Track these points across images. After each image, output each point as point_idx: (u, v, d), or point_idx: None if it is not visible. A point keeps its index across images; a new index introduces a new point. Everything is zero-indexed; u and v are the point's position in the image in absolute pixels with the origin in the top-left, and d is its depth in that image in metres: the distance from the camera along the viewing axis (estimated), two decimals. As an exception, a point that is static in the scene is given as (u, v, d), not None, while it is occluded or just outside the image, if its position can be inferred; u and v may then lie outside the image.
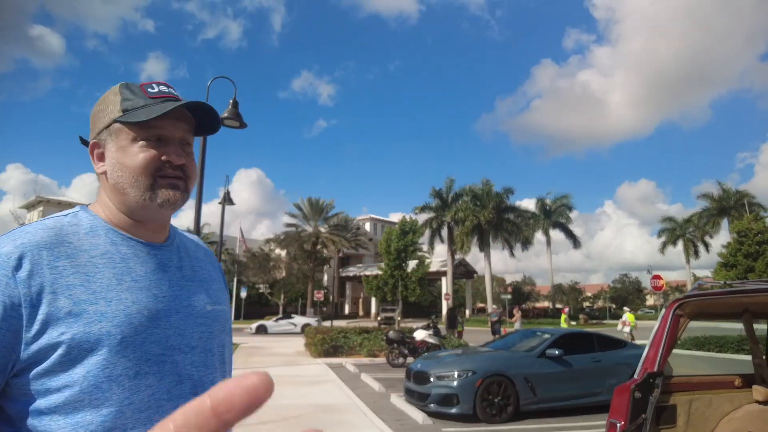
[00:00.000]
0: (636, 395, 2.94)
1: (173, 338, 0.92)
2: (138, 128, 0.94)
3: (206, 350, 0.97)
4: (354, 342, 15.34)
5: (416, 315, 47.15)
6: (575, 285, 74.77)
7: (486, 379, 7.13)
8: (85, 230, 0.92)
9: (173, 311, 0.94)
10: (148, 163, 0.94)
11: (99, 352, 0.82)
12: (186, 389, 0.91)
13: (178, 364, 0.91)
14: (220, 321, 1.04)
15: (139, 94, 0.97)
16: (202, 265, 1.08)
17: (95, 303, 0.85)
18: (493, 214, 43.53)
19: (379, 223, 62.98)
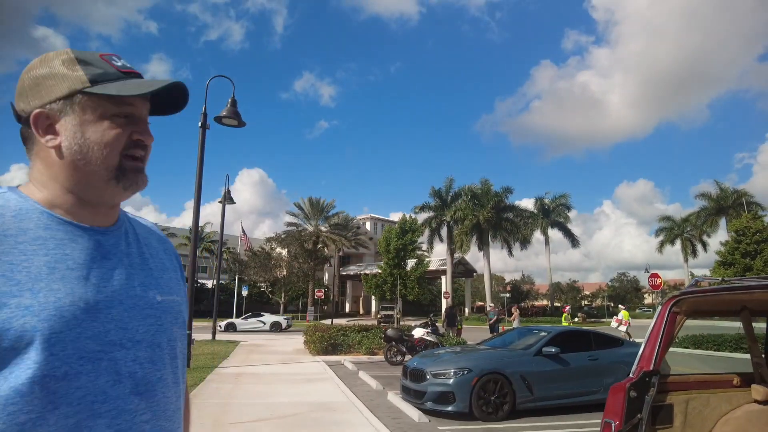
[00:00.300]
0: (631, 394, 2.93)
1: (114, 332, 0.83)
2: (111, 103, 0.86)
3: (154, 345, 0.89)
4: (353, 340, 15.36)
5: (416, 313, 47.16)
6: (574, 284, 74.81)
7: (482, 377, 7.14)
8: (12, 213, 0.82)
9: (116, 302, 0.85)
10: (120, 141, 0.87)
11: (20, 351, 0.74)
12: (125, 389, 0.83)
13: (117, 361, 0.82)
14: (172, 313, 0.95)
15: (105, 65, 0.89)
16: (153, 252, 1.00)
17: (18, 295, 0.76)
18: (492, 214, 43.55)
19: (379, 223, 62.96)
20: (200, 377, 9.53)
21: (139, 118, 0.90)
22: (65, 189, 0.86)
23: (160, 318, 0.91)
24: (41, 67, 0.87)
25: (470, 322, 39.63)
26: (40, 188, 0.87)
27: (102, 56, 0.90)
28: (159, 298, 0.93)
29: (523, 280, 79.52)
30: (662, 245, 48.72)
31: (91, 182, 0.87)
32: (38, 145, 0.87)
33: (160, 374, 0.89)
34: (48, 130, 0.86)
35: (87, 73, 0.86)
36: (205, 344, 17.23)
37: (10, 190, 0.87)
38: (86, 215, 0.88)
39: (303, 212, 47.44)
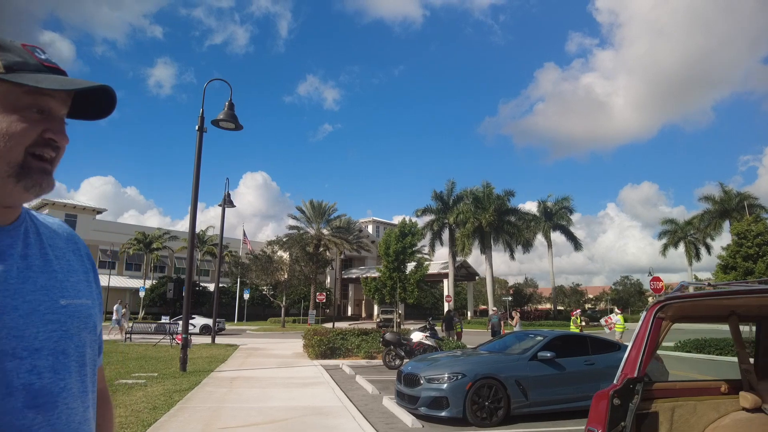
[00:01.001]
0: (615, 402, 2.87)
1: (5, 341, 0.76)
2: (23, 92, 0.80)
3: (58, 352, 0.83)
4: (352, 344, 15.31)
5: (418, 317, 47.04)
6: (577, 287, 74.59)
7: (476, 382, 7.08)
8: None
9: (9, 308, 0.78)
10: (27, 136, 0.80)
11: None
12: (17, 402, 0.76)
13: (7, 372, 0.76)
14: (79, 317, 0.89)
15: (25, 54, 0.82)
16: (59, 253, 0.93)
17: None
18: (494, 217, 43.44)
19: (381, 226, 62.92)
20: (196, 381, 9.51)
21: (56, 117, 0.84)
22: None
23: (65, 323, 0.85)
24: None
25: (473, 325, 39.49)
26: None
27: (24, 46, 0.84)
28: (63, 302, 0.87)
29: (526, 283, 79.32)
30: (665, 248, 48.50)
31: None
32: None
33: (64, 383, 0.83)
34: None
35: (3, 59, 0.79)
36: (204, 347, 17.22)
37: None
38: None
39: (305, 215, 47.43)
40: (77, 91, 0.84)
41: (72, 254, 0.96)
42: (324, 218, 47.29)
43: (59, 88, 0.80)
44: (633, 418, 2.83)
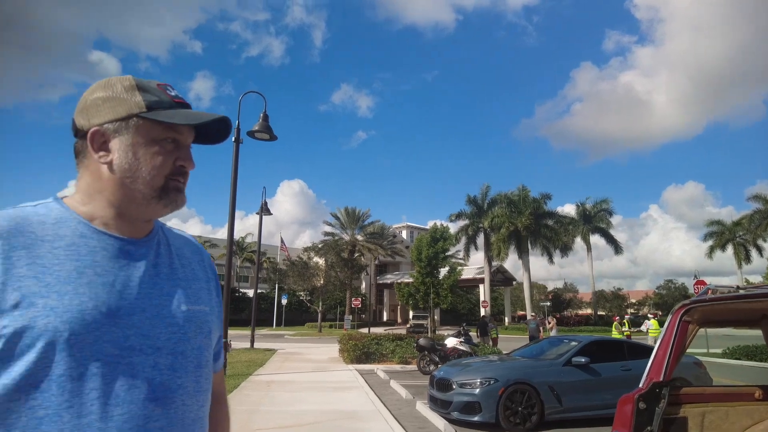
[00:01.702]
0: (640, 405, 2.86)
1: (134, 338, 0.86)
2: (162, 128, 0.94)
3: (176, 353, 0.92)
4: (387, 349, 15.39)
5: (454, 322, 46.70)
6: (618, 291, 72.28)
7: (509, 387, 7.05)
8: (52, 221, 0.89)
9: (137, 309, 0.89)
10: (166, 166, 0.94)
11: (41, 349, 0.79)
12: (140, 393, 0.85)
13: (135, 366, 0.86)
14: (196, 322, 0.97)
15: (160, 93, 0.96)
16: (185, 262, 1.03)
17: (46, 296, 0.81)
18: (531, 220, 42.76)
19: (415, 231, 62.88)
20: (234, 384, 9.79)
21: (184, 145, 0.98)
22: (108, 202, 0.93)
23: (183, 327, 0.94)
24: (105, 90, 0.94)
25: (510, 331, 38.92)
26: (84, 199, 0.94)
27: (159, 85, 0.98)
28: (184, 307, 0.96)
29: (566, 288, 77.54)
30: (712, 251, 46.45)
31: (134, 198, 0.93)
32: (90, 159, 0.94)
33: (181, 381, 0.92)
34: (102, 146, 0.92)
35: (144, 99, 0.93)
36: (243, 352, 17.62)
37: (54, 200, 0.94)
38: (122, 226, 0.94)
39: (339, 222, 47.99)
40: (193, 124, 0.96)
41: (197, 264, 1.07)
42: (358, 224, 47.72)
43: (186, 122, 0.94)
44: (660, 422, 2.81)
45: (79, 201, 0.94)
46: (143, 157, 0.92)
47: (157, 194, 0.93)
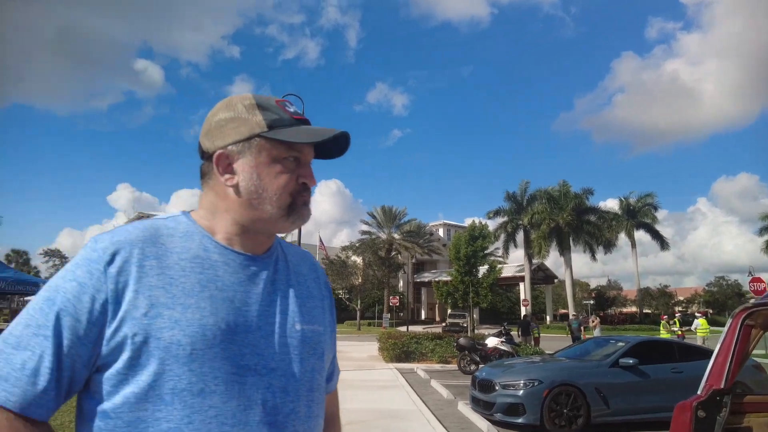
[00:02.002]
0: (699, 414, 2.76)
1: (249, 357, 0.85)
2: (284, 147, 0.92)
3: (288, 375, 0.90)
4: (426, 348, 15.37)
5: (493, 321, 46.16)
6: (665, 289, 69.64)
7: (553, 389, 6.92)
8: (181, 234, 0.90)
9: (254, 327, 0.88)
10: (290, 185, 0.93)
11: (165, 361, 0.79)
12: (254, 416, 0.84)
13: (250, 386, 0.84)
14: (310, 343, 0.95)
15: (280, 110, 0.94)
16: (302, 280, 1.02)
17: (172, 308, 0.82)
18: (572, 216, 41.74)
19: (452, 229, 62.41)
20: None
21: (305, 162, 0.96)
22: (233, 220, 0.93)
23: (296, 347, 0.92)
24: (226, 111, 0.94)
25: (552, 330, 38.15)
26: (209, 215, 0.94)
27: (277, 102, 0.96)
28: (298, 326, 0.94)
29: (609, 285, 75.30)
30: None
31: (261, 218, 0.92)
32: (215, 180, 0.93)
33: (293, 406, 0.89)
34: (227, 169, 0.92)
35: (265, 118, 0.92)
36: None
37: (183, 214, 0.95)
38: (244, 242, 0.94)
39: (376, 220, 48.15)
40: (316, 142, 0.93)
41: (312, 281, 1.06)
42: (395, 223, 47.74)
43: (309, 141, 0.91)
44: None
45: (203, 216, 0.95)
46: (267, 177, 0.91)
47: (285, 212, 0.93)
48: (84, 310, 0.80)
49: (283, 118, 0.93)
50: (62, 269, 0.85)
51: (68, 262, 0.87)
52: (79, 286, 0.81)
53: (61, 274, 0.84)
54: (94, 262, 0.82)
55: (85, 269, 0.82)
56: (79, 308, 0.80)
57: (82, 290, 0.80)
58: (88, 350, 0.80)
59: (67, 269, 0.84)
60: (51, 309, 0.80)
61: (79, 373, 0.80)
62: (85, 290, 0.80)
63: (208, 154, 0.94)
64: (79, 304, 0.80)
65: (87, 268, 0.82)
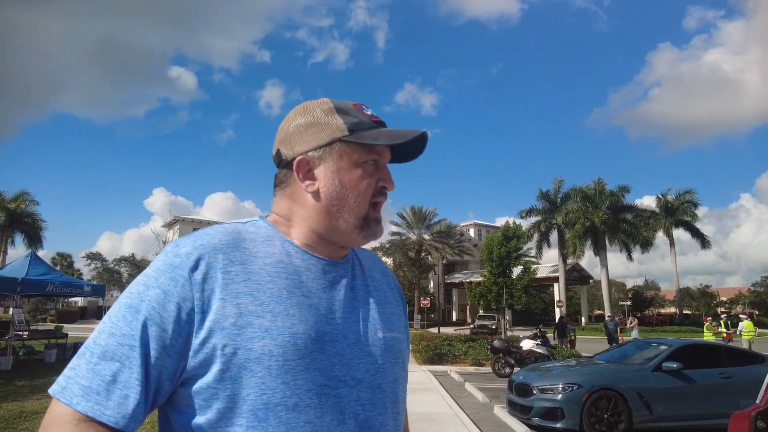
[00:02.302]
0: (759, 425, 2.63)
1: (338, 368, 0.81)
2: (364, 151, 0.89)
3: (375, 386, 0.85)
4: (459, 350, 15.25)
5: (526, 323, 45.46)
6: (706, 289, 67.18)
7: (593, 393, 6.75)
8: (262, 238, 0.88)
9: (340, 336, 0.84)
10: (370, 189, 0.90)
11: (258, 374, 0.75)
12: (349, 430, 0.80)
13: (342, 398, 0.80)
14: (392, 352, 0.91)
15: (358, 114, 0.92)
16: (377, 285, 0.98)
17: (261, 316, 0.78)
18: (608, 215, 40.75)
19: (483, 229, 61.82)
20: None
21: (384, 166, 0.93)
22: (311, 227, 0.90)
23: (381, 356, 0.88)
24: (304, 116, 0.91)
25: (587, 332, 37.30)
26: (286, 222, 0.92)
27: (354, 105, 0.93)
28: (380, 334, 0.90)
29: (646, 285, 73.23)
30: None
31: (338, 227, 0.89)
32: (293, 187, 0.91)
33: (382, 419, 0.85)
34: (307, 175, 0.89)
35: (345, 121, 0.89)
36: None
37: (261, 219, 0.93)
38: (322, 248, 0.91)
39: (406, 221, 48.09)
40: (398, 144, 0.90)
41: (386, 286, 1.02)
42: (424, 223, 47.60)
43: (392, 143, 0.88)
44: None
45: (280, 222, 0.92)
46: (349, 183, 0.89)
47: (360, 224, 0.90)
48: (170, 319, 0.76)
49: (363, 121, 0.91)
50: (141, 276, 0.82)
51: (148, 268, 0.83)
52: (164, 294, 0.77)
53: (142, 281, 0.80)
54: (177, 268, 0.79)
55: (169, 276, 0.78)
56: (165, 317, 0.76)
57: (167, 298, 0.77)
58: (174, 362, 0.76)
59: (149, 275, 0.81)
60: (136, 317, 0.76)
61: (164, 384, 0.77)
62: (170, 298, 0.77)
63: (286, 161, 0.91)
64: (165, 312, 0.76)
65: (171, 275, 0.78)
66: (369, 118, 0.92)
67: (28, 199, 42.12)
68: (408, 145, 0.93)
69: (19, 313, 13.42)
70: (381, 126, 0.93)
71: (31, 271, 12.95)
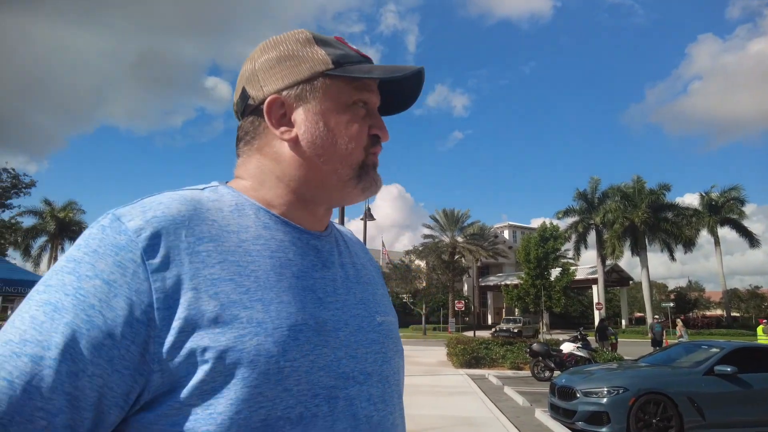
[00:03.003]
0: None
1: (345, 362, 0.65)
2: (352, 89, 0.72)
3: (384, 378, 0.70)
4: (496, 353, 15.03)
5: (564, 326, 44.49)
6: (756, 290, 64.24)
7: (640, 397, 6.51)
8: (230, 207, 0.67)
9: (341, 323, 0.67)
10: (362, 134, 0.72)
11: (253, 381, 0.56)
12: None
13: (353, 400, 0.64)
14: (393, 338, 0.76)
15: (343, 47, 0.74)
16: (362, 262, 0.82)
17: (249, 306, 0.59)
18: (648, 214, 39.51)
19: (518, 230, 60.92)
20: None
21: (375, 111, 0.75)
22: (289, 188, 0.72)
23: (384, 344, 0.73)
24: (274, 49, 0.72)
25: (628, 335, 36.22)
26: (256, 186, 0.72)
27: (338, 38, 0.76)
28: (379, 318, 0.74)
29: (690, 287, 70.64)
30: None
31: (326, 182, 0.72)
32: (264, 138, 0.72)
33: (393, 418, 0.70)
34: (281, 120, 0.71)
35: (329, 53, 0.71)
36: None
37: (221, 184, 0.72)
38: (302, 217, 0.73)
39: (438, 224, 47.87)
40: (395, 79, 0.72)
41: (369, 265, 0.85)
42: (457, 226, 47.28)
43: (391, 76, 0.70)
44: None
45: (249, 187, 0.72)
46: (337, 126, 0.70)
47: (356, 174, 0.72)
48: (117, 320, 0.54)
49: (349, 54, 0.73)
50: (66, 260, 0.57)
51: (73, 249, 0.58)
52: (106, 286, 0.55)
53: (68, 268, 0.56)
54: (124, 249, 0.56)
55: (112, 261, 0.56)
56: (109, 318, 0.53)
57: (112, 291, 0.54)
58: (125, 379, 0.54)
59: (79, 260, 0.56)
60: (56, 318, 0.53)
61: (109, 413, 0.54)
62: (117, 291, 0.55)
63: (253, 105, 0.72)
64: (109, 311, 0.54)
65: (115, 259, 0.56)
66: (355, 51, 0.74)
67: (76, 208, 43.98)
68: (404, 83, 0.76)
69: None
70: (369, 62, 0.75)
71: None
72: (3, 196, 23.79)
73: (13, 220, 25.34)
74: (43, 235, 42.00)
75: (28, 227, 39.53)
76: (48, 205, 42.06)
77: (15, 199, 24.58)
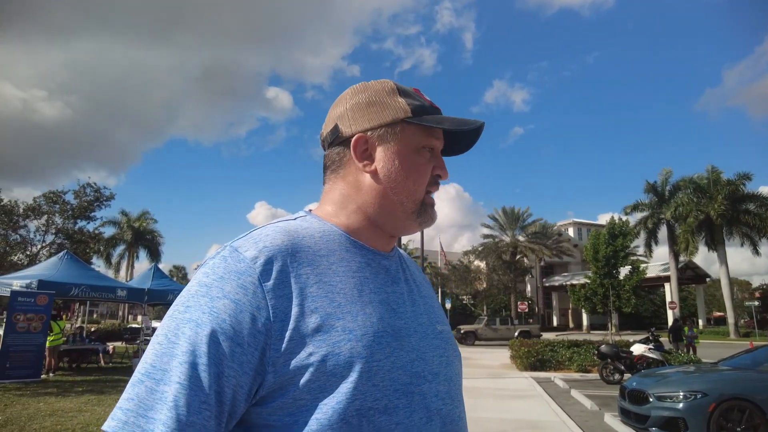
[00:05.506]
0: None
1: (417, 363, 0.78)
2: (423, 135, 0.87)
3: (448, 378, 0.84)
4: (562, 356, 14.56)
5: (635, 327, 42.38)
6: None
7: (721, 404, 6.10)
8: (319, 234, 0.82)
9: (411, 330, 0.81)
10: (427, 176, 0.87)
11: (348, 379, 0.69)
12: (436, 427, 0.77)
13: (425, 395, 0.77)
14: (452, 344, 0.90)
15: (419, 98, 0.90)
16: (419, 280, 0.96)
17: (341, 318, 0.73)
18: (726, 206, 36.88)
19: (584, 228, 58.71)
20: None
21: (439, 154, 0.91)
22: (365, 215, 0.86)
23: (446, 349, 0.87)
24: (365, 94, 0.88)
25: (706, 336, 33.97)
26: (337, 211, 0.87)
27: (414, 90, 0.92)
28: (439, 327, 0.89)
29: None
30: None
31: (394, 212, 0.86)
32: (347, 168, 0.87)
33: (458, 412, 0.84)
34: (364, 154, 0.85)
35: (408, 103, 0.87)
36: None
37: (308, 214, 0.88)
38: (374, 240, 0.87)
39: (498, 223, 46.96)
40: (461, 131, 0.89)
41: (424, 281, 1.00)
42: (518, 224, 46.18)
43: (459, 128, 0.86)
44: None
45: (330, 213, 0.87)
46: (407, 166, 0.85)
47: (417, 209, 0.87)
48: (244, 332, 0.68)
49: (425, 105, 0.88)
50: (196, 285, 0.73)
51: (201, 276, 0.74)
52: (233, 304, 0.69)
53: (201, 292, 0.71)
54: (244, 274, 0.71)
55: (236, 284, 0.71)
56: (238, 330, 0.68)
57: (239, 308, 0.69)
58: (250, 379, 0.68)
59: (209, 285, 0.72)
60: (199, 332, 0.67)
61: (239, 406, 0.69)
62: (242, 308, 0.69)
63: (341, 138, 0.87)
64: (238, 325, 0.68)
65: (238, 283, 0.71)
66: (429, 103, 0.90)
67: (149, 218, 46.92)
68: (469, 134, 0.92)
69: (147, 320, 14.92)
70: (439, 112, 0.90)
71: (155, 282, 14.39)
72: (88, 209, 25.77)
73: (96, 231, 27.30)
74: (121, 244, 45.06)
75: (109, 237, 42.57)
76: (125, 215, 45.14)
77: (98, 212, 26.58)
